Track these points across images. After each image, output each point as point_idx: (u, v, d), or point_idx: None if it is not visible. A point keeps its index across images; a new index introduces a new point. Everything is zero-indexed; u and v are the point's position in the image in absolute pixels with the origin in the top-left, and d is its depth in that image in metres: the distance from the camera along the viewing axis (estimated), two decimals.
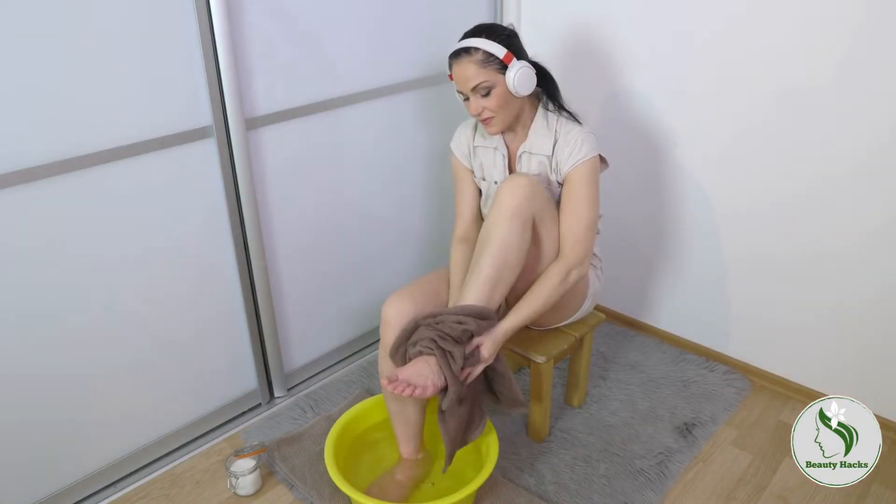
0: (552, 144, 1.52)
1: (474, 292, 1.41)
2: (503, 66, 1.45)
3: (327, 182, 1.86)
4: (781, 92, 1.69)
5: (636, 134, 2.01)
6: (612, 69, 1.99)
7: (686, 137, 1.91)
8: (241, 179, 1.62)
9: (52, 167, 1.32)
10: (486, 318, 1.39)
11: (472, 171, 1.67)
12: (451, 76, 1.52)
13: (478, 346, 1.39)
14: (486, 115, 1.49)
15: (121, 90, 1.38)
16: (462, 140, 1.67)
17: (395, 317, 1.46)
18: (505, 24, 1.51)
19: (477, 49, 1.44)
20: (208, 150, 1.56)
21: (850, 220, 1.68)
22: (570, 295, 1.57)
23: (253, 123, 1.62)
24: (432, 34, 1.99)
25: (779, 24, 1.65)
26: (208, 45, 1.48)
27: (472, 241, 1.60)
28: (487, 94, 1.46)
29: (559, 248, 1.52)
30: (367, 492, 1.49)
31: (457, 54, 1.47)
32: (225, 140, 1.57)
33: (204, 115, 1.53)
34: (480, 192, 1.69)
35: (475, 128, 1.64)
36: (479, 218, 1.69)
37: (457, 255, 1.59)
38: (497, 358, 1.44)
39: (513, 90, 1.46)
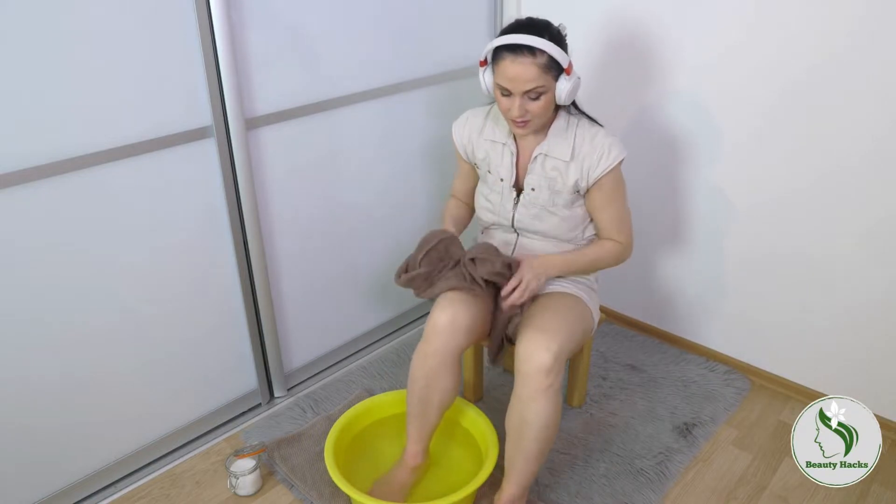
0: (570, 149, 1.49)
1: (519, 474, 1.43)
2: (559, 73, 1.39)
3: (327, 182, 1.86)
4: (782, 92, 1.69)
5: (637, 135, 2.01)
6: (613, 70, 1.99)
7: (688, 139, 1.91)
8: (241, 179, 1.62)
9: (52, 167, 1.32)
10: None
11: (471, 163, 1.64)
12: (483, 62, 1.44)
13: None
14: (526, 117, 1.42)
15: (121, 90, 1.38)
16: (467, 129, 1.61)
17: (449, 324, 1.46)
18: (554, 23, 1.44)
19: (543, 52, 1.34)
20: (208, 150, 1.56)
21: (851, 220, 1.68)
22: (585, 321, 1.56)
23: (253, 123, 1.62)
24: (432, 34, 1.99)
25: (784, 26, 1.65)
26: (208, 45, 1.48)
27: (467, 203, 1.74)
28: (536, 99, 1.39)
29: (609, 234, 1.56)
30: (371, 491, 1.49)
31: (517, 49, 1.35)
32: (225, 140, 1.57)
33: (204, 115, 1.53)
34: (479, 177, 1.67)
35: (487, 117, 1.59)
36: (472, 197, 1.70)
37: (452, 205, 1.73)
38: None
39: (560, 100, 1.42)
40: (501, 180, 1.57)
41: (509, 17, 2.16)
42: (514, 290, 1.44)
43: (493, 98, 1.48)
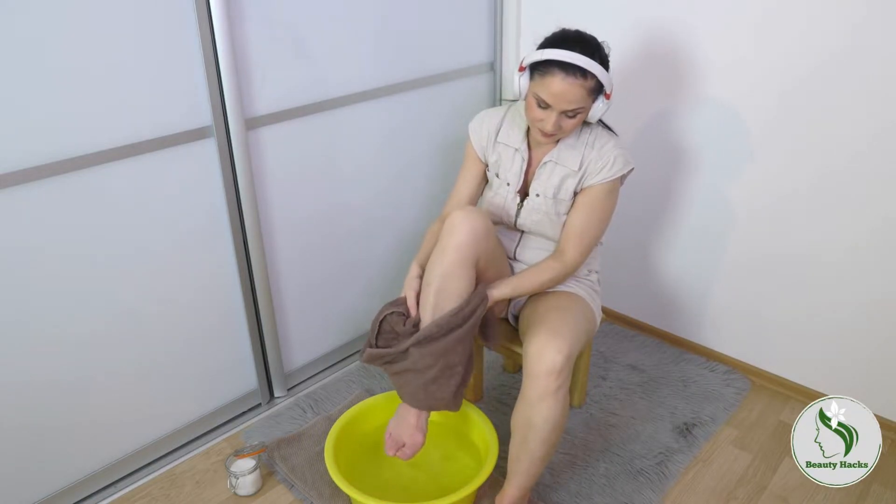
0: (580, 158, 1.48)
1: (523, 476, 1.41)
2: (599, 95, 1.38)
3: (327, 182, 1.86)
4: (782, 92, 1.69)
5: (637, 136, 2.01)
6: (612, 72, 1.99)
7: (688, 139, 1.92)
8: (241, 179, 1.62)
9: (52, 167, 1.32)
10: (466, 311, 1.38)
11: (485, 163, 1.61)
12: (522, 67, 1.40)
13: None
14: (556, 131, 1.40)
15: (121, 90, 1.38)
16: (485, 129, 1.58)
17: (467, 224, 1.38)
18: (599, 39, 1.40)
19: (594, 76, 1.33)
20: (208, 150, 1.56)
21: (851, 220, 1.68)
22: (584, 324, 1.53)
23: (253, 123, 1.62)
24: (433, 34, 1.99)
25: (786, 29, 1.65)
26: (208, 45, 1.48)
27: None
28: (573, 117, 1.38)
29: (561, 245, 1.51)
30: (391, 428, 1.46)
31: (570, 69, 1.32)
32: (225, 140, 1.57)
33: (204, 115, 1.53)
34: (487, 181, 1.65)
35: (503, 119, 1.58)
36: (474, 204, 1.65)
37: (437, 232, 1.52)
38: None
39: (591, 119, 1.42)
40: (508, 185, 1.56)
41: (509, 17, 2.16)
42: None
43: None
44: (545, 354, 1.32)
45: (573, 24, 1.41)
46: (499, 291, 1.45)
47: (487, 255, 1.43)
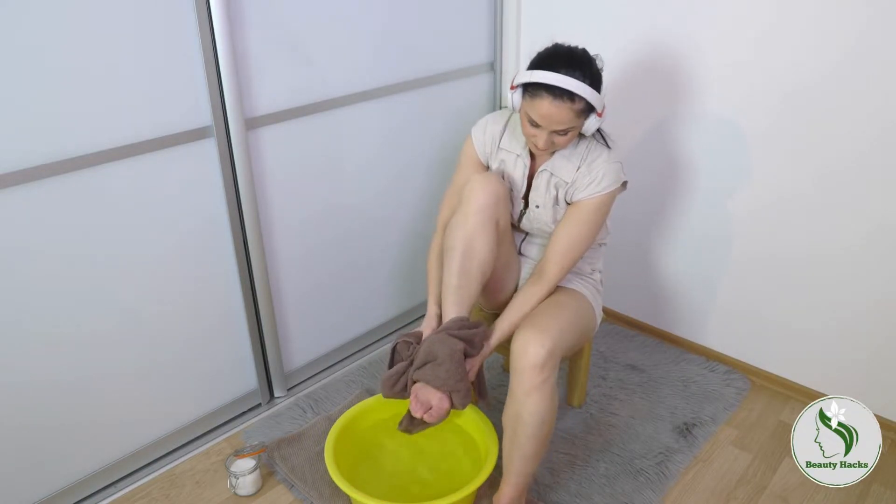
0: (574, 170, 1.47)
1: (517, 474, 1.42)
2: (591, 112, 1.38)
3: (327, 182, 1.86)
4: (783, 93, 1.69)
5: (638, 137, 2.01)
6: (614, 73, 1.99)
7: (688, 140, 1.92)
8: (241, 179, 1.62)
9: (52, 167, 1.32)
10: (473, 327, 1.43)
11: (487, 165, 1.61)
12: (513, 86, 1.39)
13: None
14: (549, 147, 1.41)
15: (121, 90, 1.38)
16: (488, 134, 1.58)
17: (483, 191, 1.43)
18: (592, 53, 1.40)
19: (582, 98, 1.32)
20: (208, 150, 1.56)
21: (852, 221, 1.68)
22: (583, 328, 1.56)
23: (253, 123, 1.62)
24: (433, 34, 1.99)
25: (788, 32, 1.65)
26: (208, 45, 1.48)
27: None
28: (564, 134, 1.38)
29: (544, 263, 1.51)
30: (414, 394, 1.46)
31: (558, 93, 1.31)
32: (225, 140, 1.57)
33: (204, 115, 1.53)
34: None
35: (505, 126, 1.58)
36: None
37: (439, 245, 1.56)
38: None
39: (585, 133, 1.42)
40: (510, 190, 1.56)
41: (510, 18, 2.16)
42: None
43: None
44: (528, 349, 1.34)
45: (573, 25, 1.41)
46: (495, 337, 1.48)
47: (505, 220, 1.48)
